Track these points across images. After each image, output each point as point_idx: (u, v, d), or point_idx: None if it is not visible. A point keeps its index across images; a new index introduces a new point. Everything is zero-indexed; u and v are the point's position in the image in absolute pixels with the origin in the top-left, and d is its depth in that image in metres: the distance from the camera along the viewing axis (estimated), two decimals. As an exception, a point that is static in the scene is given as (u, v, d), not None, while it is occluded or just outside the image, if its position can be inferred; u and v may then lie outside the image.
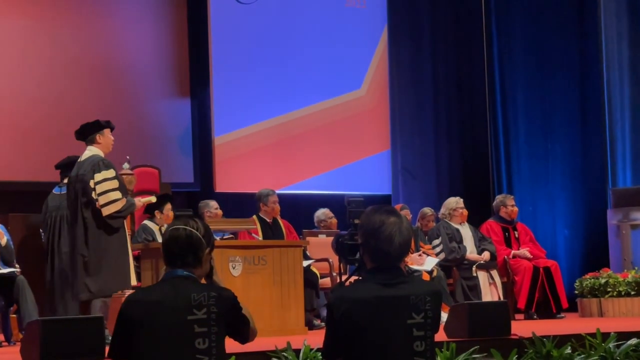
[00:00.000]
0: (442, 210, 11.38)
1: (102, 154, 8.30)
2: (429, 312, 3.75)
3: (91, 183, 8.12)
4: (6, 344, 8.63)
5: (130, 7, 12.43)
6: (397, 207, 11.26)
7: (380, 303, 3.72)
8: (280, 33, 13.39)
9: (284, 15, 13.44)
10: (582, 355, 6.84)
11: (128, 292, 8.37)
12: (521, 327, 7.99)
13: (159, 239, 9.39)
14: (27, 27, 11.72)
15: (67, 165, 9.29)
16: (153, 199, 9.45)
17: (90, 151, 8.32)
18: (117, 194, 8.15)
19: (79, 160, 8.42)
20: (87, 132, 8.36)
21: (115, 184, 8.18)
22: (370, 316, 3.71)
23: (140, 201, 8.79)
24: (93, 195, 8.10)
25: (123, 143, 10.15)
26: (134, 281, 8.38)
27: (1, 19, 11.55)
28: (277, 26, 13.38)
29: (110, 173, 8.19)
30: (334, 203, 11.84)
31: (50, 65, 11.83)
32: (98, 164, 8.16)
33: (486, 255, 11.01)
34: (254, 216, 10.48)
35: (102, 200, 8.10)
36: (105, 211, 8.09)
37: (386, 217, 3.80)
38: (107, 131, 8.38)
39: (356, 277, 4.51)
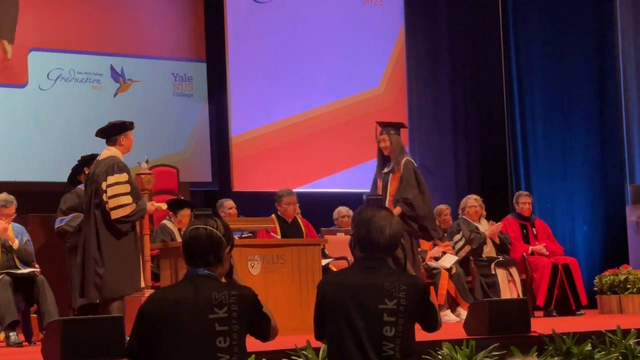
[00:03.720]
0: (459, 210, 11.40)
1: (120, 156, 8.26)
2: (403, 300, 3.92)
3: (103, 185, 8.10)
4: (27, 343, 8.65)
5: (148, 8, 12.44)
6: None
7: (355, 287, 3.95)
8: (296, 32, 13.39)
9: (300, 14, 13.44)
10: (603, 352, 6.83)
11: (148, 292, 8.37)
12: (541, 324, 7.97)
13: (178, 239, 9.40)
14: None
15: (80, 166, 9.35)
16: (164, 206, 9.35)
17: (110, 151, 8.29)
18: (127, 199, 8.11)
19: (97, 159, 8.41)
20: (112, 133, 8.33)
21: (126, 188, 8.13)
22: (345, 299, 3.93)
23: (154, 205, 8.76)
24: (104, 197, 8.10)
25: (141, 142, 10.17)
26: (143, 283, 8.38)
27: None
28: (294, 25, 13.38)
29: (124, 177, 8.14)
30: (352, 201, 11.81)
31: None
32: (113, 167, 8.13)
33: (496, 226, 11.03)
34: (273, 215, 10.42)
35: (111, 203, 8.07)
36: (114, 215, 8.06)
37: (377, 211, 4.06)
38: (130, 133, 8.35)
39: None
